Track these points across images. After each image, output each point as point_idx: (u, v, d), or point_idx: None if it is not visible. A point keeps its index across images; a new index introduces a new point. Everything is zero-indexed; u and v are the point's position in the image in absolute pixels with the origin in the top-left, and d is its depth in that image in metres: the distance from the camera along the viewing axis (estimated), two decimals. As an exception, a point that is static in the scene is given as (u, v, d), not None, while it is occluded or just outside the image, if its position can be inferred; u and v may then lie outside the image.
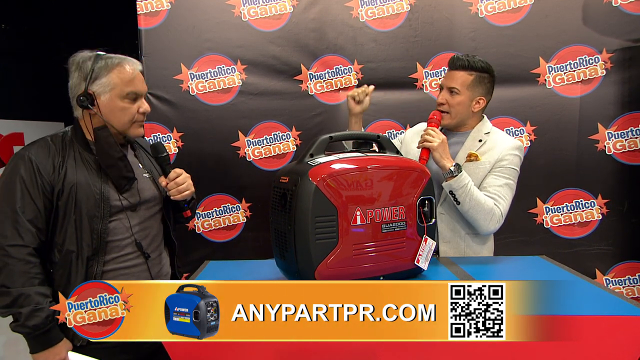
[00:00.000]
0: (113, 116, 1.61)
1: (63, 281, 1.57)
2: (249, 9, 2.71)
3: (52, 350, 1.52)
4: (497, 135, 1.96)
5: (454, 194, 1.81)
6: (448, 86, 1.92)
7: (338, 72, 2.75)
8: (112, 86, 1.58)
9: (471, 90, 1.90)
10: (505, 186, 1.86)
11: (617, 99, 2.68)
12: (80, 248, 1.56)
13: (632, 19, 2.63)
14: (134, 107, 1.63)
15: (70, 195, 1.56)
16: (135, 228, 1.65)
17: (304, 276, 1.30)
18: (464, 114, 1.93)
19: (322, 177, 1.29)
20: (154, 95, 2.70)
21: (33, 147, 1.59)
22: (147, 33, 2.69)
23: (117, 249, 1.62)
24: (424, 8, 2.71)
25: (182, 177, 1.70)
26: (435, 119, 1.91)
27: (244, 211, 2.80)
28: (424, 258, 1.44)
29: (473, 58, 1.91)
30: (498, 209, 1.82)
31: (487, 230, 1.85)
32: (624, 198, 2.72)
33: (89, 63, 1.59)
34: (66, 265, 1.56)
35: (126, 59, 1.64)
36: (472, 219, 1.83)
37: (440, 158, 1.82)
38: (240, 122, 2.74)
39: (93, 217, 1.57)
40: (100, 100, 1.59)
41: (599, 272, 2.76)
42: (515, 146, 1.92)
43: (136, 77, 1.63)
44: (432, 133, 1.84)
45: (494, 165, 1.89)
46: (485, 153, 1.91)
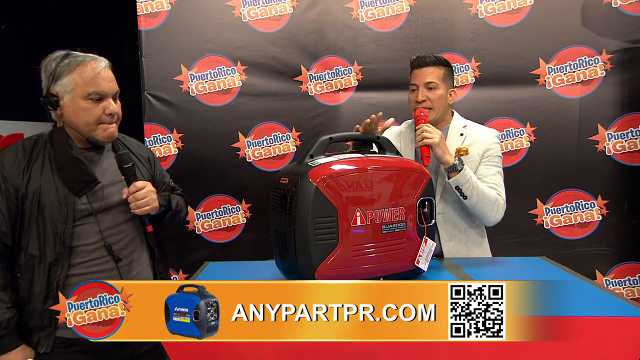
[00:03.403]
0: (76, 118, 1.55)
1: (27, 286, 1.52)
2: (249, 10, 2.71)
3: (5, 357, 1.47)
4: (474, 127, 2.00)
5: (460, 189, 1.79)
6: (424, 82, 1.93)
7: (338, 73, 2.75)
8: (73, 86, 1.53)
9: (445, 82, 1.95)
10: (497, 174, 1.91)
11: (617, 100, 2.68)
12: (43, 253, 1.51)
13: (632, 20, 2.63)
14: (98, 108, 1.55)
15: (34, 199, 1.51)
16: (106, 232, 1.58)
17: (304, 277, 1.30)
18: (443, 107, 1.96)
19: (322, 178, 1.29)
20: (154, 96, 2.70)
21: (2, 153, 1.57)
22: (147, 34, 2.69)
23: (83, 253, 1.55)
24: (424, 9, 2.72)
25: (142, 191, 1.60)
26: (424, 115, 1.89)
27: (244, 212, 2.80)
28: (424, 259, 1.44)
29: (436, 55, 1.98)
30: (501, 197, 1.86)
31: (495, 220, 1.87)
32: (624, 199, 2.72)
33: (53, 63, 1.55)
34: (29, 270, 1.52)
35: (92, 57, 1.58)
36: (480, 211, 1.83)
37: (443, 154, 1.80)
38: (240, 123, 2.74)
39: (56, 221, 1.52)
40: (64, 101, 1.54)
41: (599, 273, 2.76)
42: (495, 134, 1.99)
43: (99, 76, 1.55)
44: (429, 129, 1.82)
45: (482, 156, 1.92)
46: (471, 145, 1.92)
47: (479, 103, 2.73)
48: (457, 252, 1.93)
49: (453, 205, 1.91)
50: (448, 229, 1.93)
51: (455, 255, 1.92)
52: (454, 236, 1.93)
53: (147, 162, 1.80)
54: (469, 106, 2.70)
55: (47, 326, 1.53)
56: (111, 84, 1.59)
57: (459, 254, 1.92)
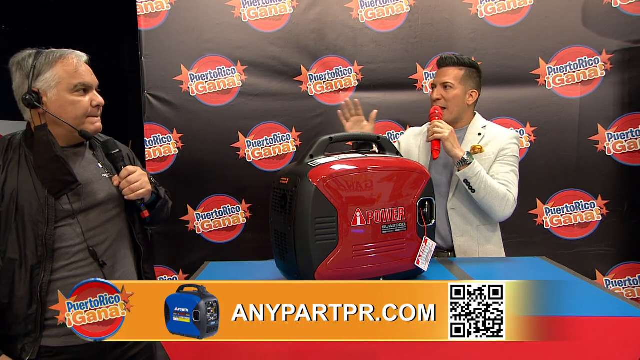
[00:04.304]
0: (64, 112, 1.50)
1: (7, 291, 1.45)
2: (249, 10, 2.71)
3: None
4: (493, 127, 2.05)
5: (468, 182, 1.85)
6: (441, 82, 2.00)
7: (338, 73, 2.75)
8: (58, 80, 1.49)
9: (464, 83, 1.99)
10: (511, 172, 1.94)
11: (617, 100, 2.68)
12: (24, 256, 1.45)
13: (632, 20, 2.64)
14: (85, 100, 1.52)
15: (12, 200, 1.46)
16: (88, 233, 1.52)
17: (304, 277, 1.30)
18: (460, 107, 2.00)
19: (322, 178, 1.29)
20: (154, 96, 2.70)
21: None
22: (147, 34, 2.69)
23: (66, 256, 1.49)
24: (424, 9, 2.72)
25: (135, 175, 1.56)
26: (437, 112, 1.96)
27: (244, 212, 2.80)
28: (424, 259, 1.44)
29: (460, 56, 2.04)
30: (511, 193, 1.89)
31: (503, 215, 1.91)
32: (624, 199, 2.72)
33: (29, 60, 1.50)
34: (9, 275, 1.45)
35: (69, 51, 1.54)
36: (488, 205, 1.87)
37: (452, 147, 1.86)
38: (240, 123, 2.74)
39: (37, 222, 1.45)
40: (48, 98, 1.49)
41: (599, 273, 2.76)
42: (513, 135, 2.02)
43: (82, 68, 1.53)
44: (440, 125, 1.89)
45: (497, 155, 1.95)
46: (487, 145, 1.97)
47: (479, 103, 2.70)
48: (468, 248, 1.96)
49: (466, 202, 1.94)
50: (460, 225, 1.96)
51: (466, 251, 1.96)
52: (465, 232, 1.96)
53: (127, 159, 1.74)
54: (469, 106, 2.70)
55: (32, 332, 1.46)
56: (93, 76, 1.56)
57: (470, 249, 1.96)
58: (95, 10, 3.87)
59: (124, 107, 3.97)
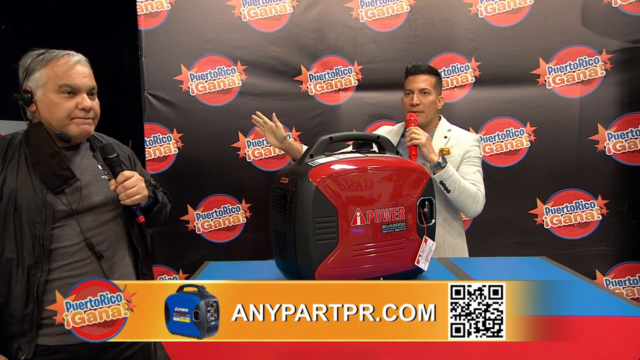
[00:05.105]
0: (49, 112, 1.50)
1: (3, 291, 1.45)
2: (249, 9, 2.71)
3: None
4: (457, 131, 2.21)
5: (444, 184, 2.01)
6: (419, 88, 2.14)
7: (338, 73, 2.75)
8: (46, 80, 1.49)
9: (436, 90, 2.17)
10: (477, 172, 2.11)
11: (617, 100, 2.68)
12: (21, 256, 1.44)
13: (632, 19, 2.64)
14: (70, 102, 1.50)
15: (10, 200, 1.45)
16: (88, 233, 1.52)
17: (304, 277, 1.30)
18: (433, 111, 2.17)
19: (322, 177, 1.29)
20: (154, 96, 2.70)
21: None
22: (147, 34, 2.69)
23: (64, 256, 1.49)
24: (424, 9, 2.72)
25: (131, 180, 1.54)
26: (414, 119, 2.11)
27: (244, 212, 2.80)
28: (424, 259, 1.44)
29: (427, 64, 2.21)
30: (480, 192, 2.07)
31: (475, 212, 2.07)
32: (624, 199, 2.72)
33: (29, 59, 1.52)
34: (6, 275, 1.45)
35: (67, 52, 1.53)
36: (462, 203, 2.04)
37: (429, 153, 2.03)
38: (240, 122, 2.74)
39: (34, 223, 1.45)
40: (37, 97, 1.50)
41: (599, 273, 2.76)
42: (475, 138, 2.19)
43: (73, 70, 1.50)
44: (417, 132, 2.04)
45: (463, 157, 2.11)
46: (453, 147, 2.13)
47: (479, 103, 2.73)
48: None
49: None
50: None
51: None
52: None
53: (128, 160, 1.75)
54: (469, 106, 2.70)
55: (28, 331, 1.46)
56: (85, 79, 1.53)
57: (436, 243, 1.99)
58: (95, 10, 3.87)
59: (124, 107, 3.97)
